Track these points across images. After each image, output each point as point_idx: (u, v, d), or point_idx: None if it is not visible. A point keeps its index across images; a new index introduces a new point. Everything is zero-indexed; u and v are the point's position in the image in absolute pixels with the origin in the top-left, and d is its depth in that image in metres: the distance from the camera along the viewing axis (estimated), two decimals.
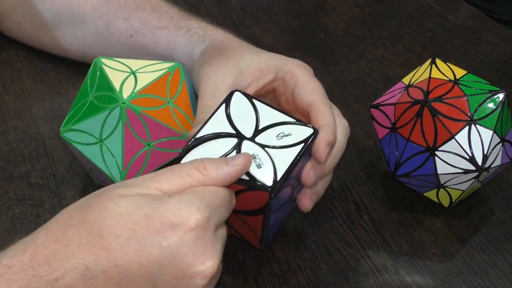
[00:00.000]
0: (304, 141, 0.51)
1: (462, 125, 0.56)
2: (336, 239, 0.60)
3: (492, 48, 0.83)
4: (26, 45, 0.80)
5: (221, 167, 0.47)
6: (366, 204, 0.63)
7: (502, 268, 0.57)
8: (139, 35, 0.70)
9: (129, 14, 0.70)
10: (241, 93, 0.53)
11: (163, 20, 0.69)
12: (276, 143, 0.51)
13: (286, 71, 0.59)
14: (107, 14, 0.71)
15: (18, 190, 0.63)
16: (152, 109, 0.56)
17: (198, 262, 0.43)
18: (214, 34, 0.66)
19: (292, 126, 0.52)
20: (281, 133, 0.52)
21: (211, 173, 0.46)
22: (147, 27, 0.69)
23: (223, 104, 0.53)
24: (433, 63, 0.61)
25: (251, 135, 0.51)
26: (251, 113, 0.53)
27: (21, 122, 0.71)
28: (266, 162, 0.50)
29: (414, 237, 0.60)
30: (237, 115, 0.52)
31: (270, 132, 0.52)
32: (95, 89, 0.57)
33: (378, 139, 0.62)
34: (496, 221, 0.61)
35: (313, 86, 0.58)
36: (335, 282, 0.56)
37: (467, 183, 0.57)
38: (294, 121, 0.53)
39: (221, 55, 0.61)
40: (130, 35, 0.70)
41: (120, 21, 0.71)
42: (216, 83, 0.57)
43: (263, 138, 0.51)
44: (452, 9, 0.90)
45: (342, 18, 0.89)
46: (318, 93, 0.57)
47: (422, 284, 0.56)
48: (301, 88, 0.57)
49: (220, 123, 0.51)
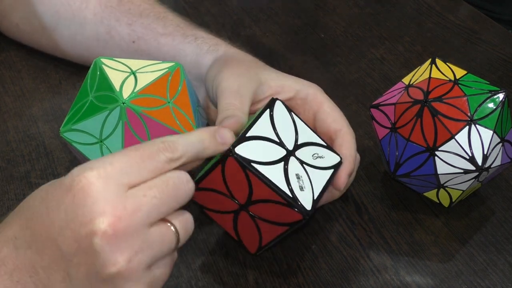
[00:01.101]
0: (333, 167, 0.54)
1: (462, 125, 0.56)
2: (336, 239, 0.60)
3: (492, 48, 0.83)
4: (26, 45, 0.80)
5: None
6: (366, 204, 0.63)
7: (502, 268, 0.57)
8: (141, 41, 0.70)
9: (132, 20, 0.71)
10: (282, 103, 0.54)
11: (168, 28, 0.69)
12: (312, 162, 0.53)
13: (309, 93, 0.60)
14: (109, 19, 0.71)
15: (18, 190, 0.63)
16: (152, 109, 0.56)
17: (88, 219, 0.41)
18: (226, 45, 0.66)
19: (324, 150, 0.55)
20: (316, 153, 0.54)
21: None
22: (151, 33, 0.70)
23: (267, 110, 0.53)
24: (433, 63, 0.61)
25: (292, 147, 0.52)
26: (291, 125, 0.54)
27: (21, 122, 0.71)
28: (306, 182, 0.51)
29: (414, 237, 0.60)
30: (279, 124, 0.53)
31: (307, 149, 0.53)
32: (95, 89, 0.57)
33: (378, 139, 0.62)
34: (496, 221, 0.61)
35: (339, 114, 0.60)
36: (335, 282, 0.56)
37: (467, 183, 0.57)
38: (325, 145, 0.55)
39: (240, 64, 0.62)
40: (132, 41, 0.70)
41: (123, 27, 0.71)
42: (240, 86, 0.57)
43: (301, 154, 0.53)
44: (452, 9, 0.90)
45: (342, 18, 0.89)
46: (344, 123, 0.59)
47: (422, 284, 0.56)
48: (328, 114, 0.59)
49: (265, 127, 0.52)
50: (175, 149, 0.45)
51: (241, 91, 0.57)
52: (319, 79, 0.60)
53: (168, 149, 0.45)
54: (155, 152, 0.44)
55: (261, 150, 0.51)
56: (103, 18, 0.72)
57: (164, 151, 0.45)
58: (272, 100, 0.54)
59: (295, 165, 0.51)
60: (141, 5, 0.72)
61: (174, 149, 0.45)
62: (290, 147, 0.52)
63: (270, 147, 0.51)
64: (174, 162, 0.45)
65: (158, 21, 0.70)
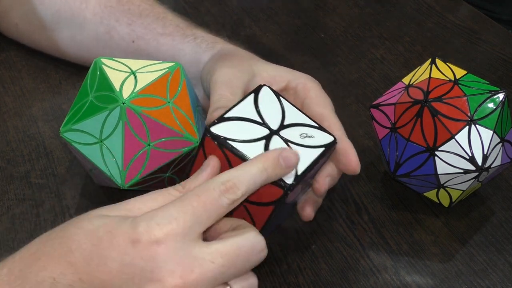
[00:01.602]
0: (324, 146, 0.52)
1: (462, 125, 0.56)
2: (336, 239, 0.60)
3: (492, 48, 0.83)
4: (26, 45, 0.80)
5: (197, 177, 0.47)
6: (366, 204, 0.63)
7: (502, 268, 0.57)
8: (141, 41, 0.70)
9: (132, 20, 0.71)
10: (269, 88, 0.54)
11: (168, 28, 0.69)
12: (299, 141, 0.51)
13: (299, 82, 0.60)
14: (109, 19, 0.71)
15: (18, 190, 0.63)
16: (152, 109, 0.56)
17: (158, 278, 0.41)
18: (224, 43, 0.66)
19: (314, 130, 0.53)
20: (304, 133, 0.52)
21: (189, 186, 0.46)
22: (151, 33, 0.70)
23: (252, 94, 0.53)
24: (433, 63, 0.61)
25: (277, 128, 0.51)
26: (278, 108, 0.53)
27: (21, 122, 0.71)
28: None
29: (414, 237, 0.60)
30: (264, 107, 0.52)
31: (294, 129, 0.52)
32: (95, 89, 0.57)
33: (378, 139, 0.62)
34: (496, 221, 0.61)
35: (324, 99, 0.59)
36: (335, 282, 0.56)
37: (467, 183, 0.57)
38: (317, 125, 0.54)
39: (234, 57, 0.62)
40: (132, 41, 0.70)
41: (122, 27, 0.71)
42: (232, 77, 0.57)
43: (287, 134, 0.51)
44: (452, 9, 0.90)
45: (342, 18, 0.89)
46: (328, 106, 0.58)
47: (422, 284, 0.56)
48: (312, 99, 0.58)
49: (247, 110, 0.51)
50: (237, 189, 0.44)
51: (233, 82, 0.57)
52: (319, 79, 0.60)
53: (229, 191, 0.44)
54: (217, 198, 0.43)
55: (241, 130, 0.50)
56: (102, 18, 0.72)
57: (226, 193, 0.44)
58: (258, 86, 0.54)
59: (278, 143, 0.50)
60: (140, 5, 0.72)
61: (236, 190, 0.44)
62: (274, 128, 0.51)
63: (251, 127, 0.51)
64: (236, 202, 0.44)
65: (157, 21, 0.70)
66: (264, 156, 0.46)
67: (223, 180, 0.44)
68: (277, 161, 0.46)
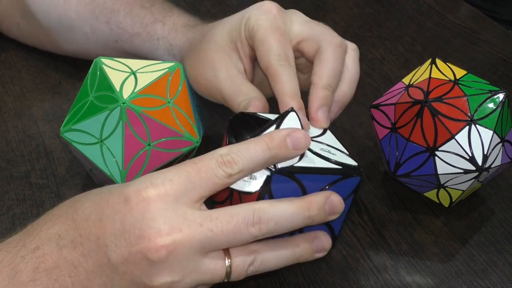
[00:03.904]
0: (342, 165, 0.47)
1: (462, 125, 0.56)
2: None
3: (492, 48, 0.83)
4: (26, 45, 0.80)
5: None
6: (366, 204, 0.63)
7: (502, 268, 0.57)
8: (121, 42, 0.68)
9: (108, 18, 0.69)
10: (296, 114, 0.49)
11: (135, 26, 0.67)
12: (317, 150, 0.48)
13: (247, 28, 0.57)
14: (91, 18, 0.70)
15: (18, 190, 0.63)
16: (152, 109, 0.56)
17: (145, 234, 0.42)
18: (177, 42, 0.64)
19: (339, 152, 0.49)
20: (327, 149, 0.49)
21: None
22: (125, 34, 0.68)
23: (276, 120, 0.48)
24: (433, 63, 0.61)
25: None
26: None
27: (21, 122, 0.71)
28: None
29: (414, 237, 0.60)
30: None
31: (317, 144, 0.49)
32: (95, 89, 0.57)
33: (378, 139, 0.62)
34: (496, 221, 0.62)
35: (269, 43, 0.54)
36: (335, 282, 0.56)
37: (467, 183, 0.57)
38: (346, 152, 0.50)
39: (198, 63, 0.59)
40: (115, 41, 0.69)
41: (102, 26, 0.69)
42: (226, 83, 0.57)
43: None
44: (452, 9, 0.90)
45: (342, 18, 0.89)
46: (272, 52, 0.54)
47: (422, 284, 0.56)
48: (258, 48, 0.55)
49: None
50: (234, 163, 0.44)
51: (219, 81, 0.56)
52: None
53: (227, 163, 0.44)
54: (214, 167, 0.43)
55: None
56: (85, 18, 0.70)
57: (223, 165, 0.44)
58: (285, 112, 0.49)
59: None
60: None
61: (234, 164, 0.44)
62: None
63: None
64: (233, 177, 0.44)
65: (126, 18, 0.67)
66: (270, 135, 0.45)
67: (223, 152, 0.44)
68: (284, 141, 0.44)
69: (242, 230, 0.43)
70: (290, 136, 0.45)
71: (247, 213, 0.43)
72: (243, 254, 0.44)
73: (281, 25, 0.56)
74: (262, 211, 0.43)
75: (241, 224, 0.43)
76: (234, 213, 0.43)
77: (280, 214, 0.44)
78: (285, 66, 0.53)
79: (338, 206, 0.46)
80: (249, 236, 0.43)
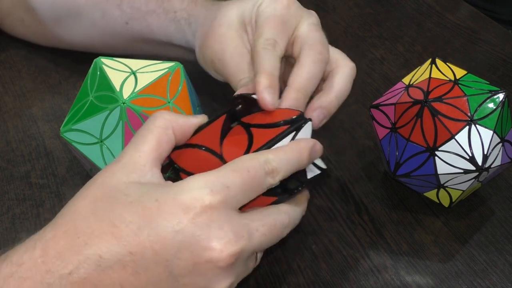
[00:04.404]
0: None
1: (462, 125, 0.56)
2: (336, 239, 0.60)
3: (492, 48, 0.83)
4: (26, 45, 0.80)
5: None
6: (366, 204, 0.63)
7: (502, 268, 0.57)
8: (133, 21, 0.68)
9: (120, 0, 0.69)
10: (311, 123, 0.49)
11: (150, 4, 0.67)
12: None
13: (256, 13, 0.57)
14: (101, 3, 0.70)
15: (18, 190, 0.63)
16: (152, 109, 0.56)
17: (213, 245, 0.41)
18: (196, 12, 0.64)
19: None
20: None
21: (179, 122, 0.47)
22: (138, 13, 0.68)
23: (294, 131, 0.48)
24: (433, 63, 0.61)
25: None
26: None
27: (21, 122, 0.71)
28: None
29: (414, 237, 0.60)
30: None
31: None
32: (95, 89, 0.57)
33: (378, 139, 0.62)
34: (496, 221, 0.62)
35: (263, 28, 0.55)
36: (335, 282, 0.56)
37: (467, 183, 0.57)
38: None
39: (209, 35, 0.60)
40: (125, 22, 0.69)
41: (113, 9, 0.69)
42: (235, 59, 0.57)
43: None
44: (452, 9, 0.90)
45: (342, 18, 0.89)
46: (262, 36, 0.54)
47: (422, 284, 0.56)
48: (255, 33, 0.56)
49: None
50: (277, 173, 0.44)
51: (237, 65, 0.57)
52: None
53: (272, 173, 0.44)
54: (262, 177, 0.44)
55: None
56: (95, 3, 0.70)
57: (269, 175, 0.44)
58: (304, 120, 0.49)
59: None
60: None
61: (276, 174, 0.44)
62: None
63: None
64: (271, 186, 0.45)
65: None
66: (301, 146, 0.46)
67: (269, 159, 0.44)
68: (309, 153, 0.46)
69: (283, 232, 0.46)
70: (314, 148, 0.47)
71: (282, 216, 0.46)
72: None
73: (285, 15, 0.56)
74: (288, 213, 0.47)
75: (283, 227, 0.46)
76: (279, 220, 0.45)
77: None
78: (269, 50, 0.53)
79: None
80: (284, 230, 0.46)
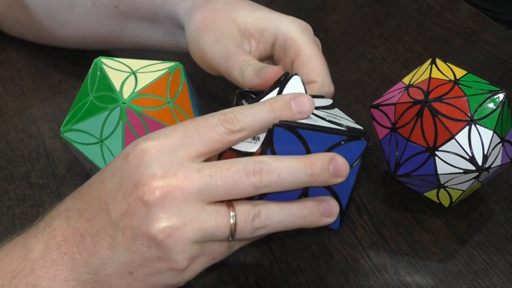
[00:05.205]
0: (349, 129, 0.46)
1: (462, 125, 0.56)
2: (336, 239, 0.60)
3: (492, 48, 0.83)
4: (26, 45, 0.80)
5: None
6: (366, 204, 0.63)
7: (502, 268, 0.57)
8: (122, 5, 0.69)
9: None
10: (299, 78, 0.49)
11: None
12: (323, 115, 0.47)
13: (287, 38, 0.57)
14: None
15: (18, 190, 0.63)
16: (152, 109, 0.56)
17: (140, 181, 0.41)
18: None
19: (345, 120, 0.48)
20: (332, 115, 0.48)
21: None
22: None
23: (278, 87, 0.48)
24: (433, 63, 0.61)
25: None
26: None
27: (21, 122, 0.71)
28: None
29: (414, 237, 0.60)
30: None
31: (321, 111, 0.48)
32: (95, 89, 0.57)
33: (378, 139, 0.62)
34: (496, 221, 0.62)
35: (317, 63, 0.56)
36: (335, 282, 0.56)
37: (467, 183, 0.57)
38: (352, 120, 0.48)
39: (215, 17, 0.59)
40: (115, 6, 0.69)
41: None
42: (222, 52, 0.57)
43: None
44: (452, 9, 0.90)
45: (342, 18, 0.89)
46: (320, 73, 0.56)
47: (422, 284, 0.56)
48: (304, 64, 0.56)
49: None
50: (236, 120, 0.43)
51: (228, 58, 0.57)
52: None
53: (228, 120, 0.43)
54: (214, 123, 0.43)
55: None
56: None
57: (224, 122, 0.43)
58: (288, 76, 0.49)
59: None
60: None
61: (236, 121, 0.43)
62: None
63: None
64: (235, 134, 0.43)
65: None
66: (274, 98, 0.45)
67: (225, 111, 0.44)
68: (288, 104, 0.44)
69: (242, 178, 0.42)
70: (295, 99, 0.44)
71: (247, 162, 0.42)
72: (247, 205, 0.43)
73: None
74: (263, 162, 0.42)
75: (241, 172, 0.42)
76: (234, 161, 0.42)
77: (283, 167, 0.43)
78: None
79: (343, 168, 0.44)
80: (249, 185, 0.42)
